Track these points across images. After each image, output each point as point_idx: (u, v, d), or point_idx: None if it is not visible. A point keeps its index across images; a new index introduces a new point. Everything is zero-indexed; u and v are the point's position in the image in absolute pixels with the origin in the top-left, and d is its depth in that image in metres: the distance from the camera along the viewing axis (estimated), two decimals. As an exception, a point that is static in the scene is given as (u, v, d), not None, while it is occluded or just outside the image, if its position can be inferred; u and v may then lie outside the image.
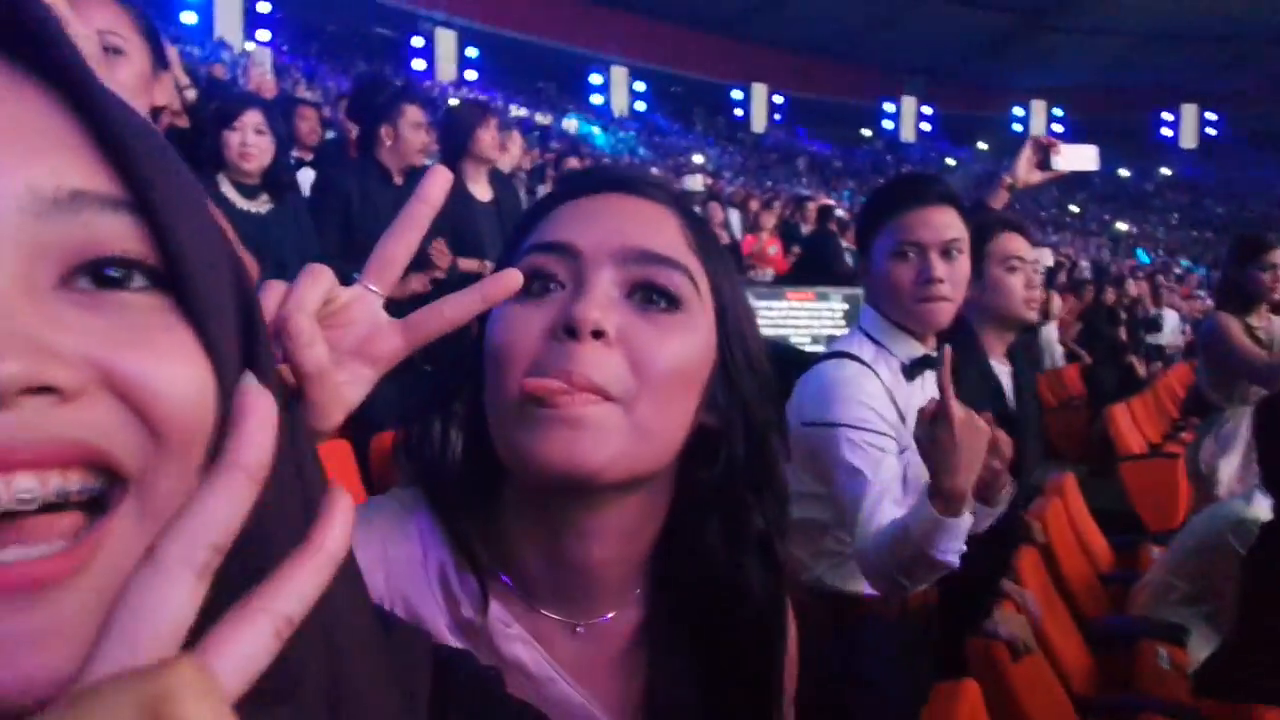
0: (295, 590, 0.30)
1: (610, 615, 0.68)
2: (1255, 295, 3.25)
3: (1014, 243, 2.04)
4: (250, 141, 2.63)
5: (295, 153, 4.17)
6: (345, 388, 0.51)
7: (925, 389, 1.59)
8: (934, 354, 1.60)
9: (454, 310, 0.52)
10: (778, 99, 31.21)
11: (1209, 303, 9.40)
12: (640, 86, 29.22)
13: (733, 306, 0.67)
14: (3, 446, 0.30)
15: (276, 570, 0.30)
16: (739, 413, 0.66)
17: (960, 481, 1.20)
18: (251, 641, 0.28)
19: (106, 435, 0.32)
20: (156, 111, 1.48)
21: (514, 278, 0.53)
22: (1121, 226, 29.14)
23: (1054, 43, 30.88)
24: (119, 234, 0.33)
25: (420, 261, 2.99)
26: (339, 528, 0.32)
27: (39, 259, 0.32)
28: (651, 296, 0.63)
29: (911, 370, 1.57)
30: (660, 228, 0.65)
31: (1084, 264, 14.70)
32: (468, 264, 3.41)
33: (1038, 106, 32.87)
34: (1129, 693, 2.19)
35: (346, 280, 0.53)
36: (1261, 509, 2.68)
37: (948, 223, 1.55)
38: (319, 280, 0.50)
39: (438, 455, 0.67)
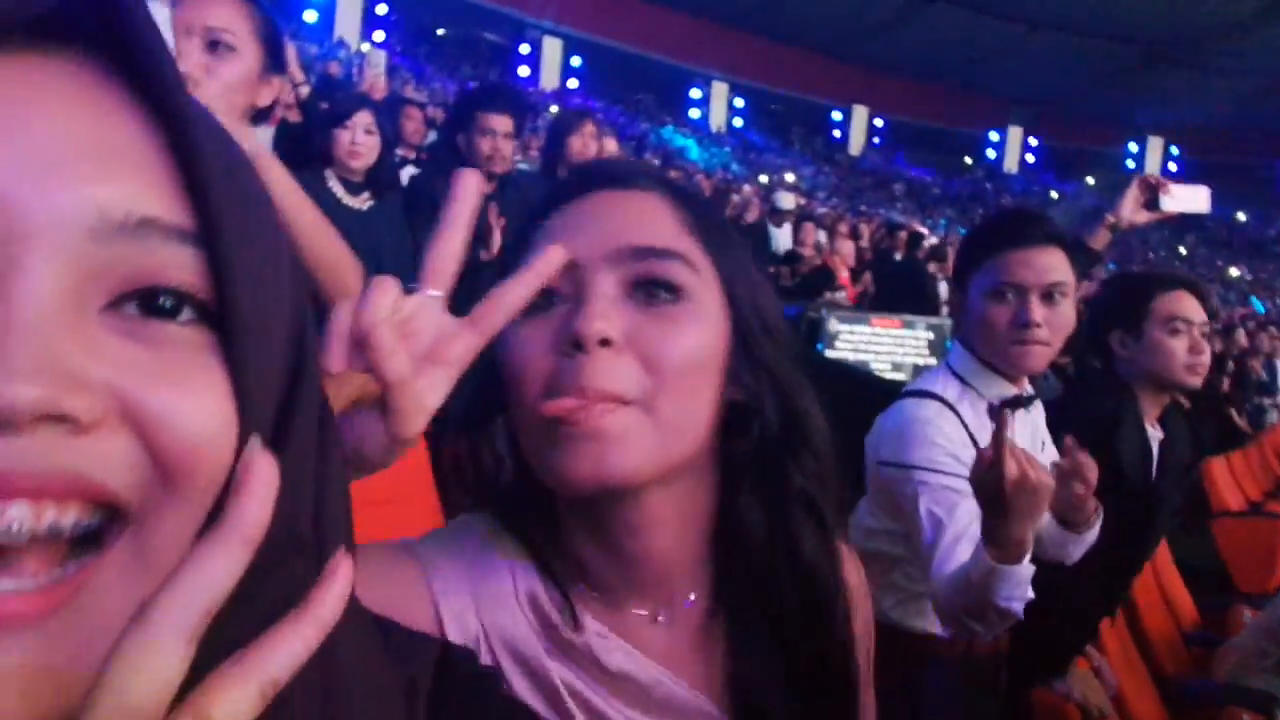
0: (285, 654, 0.31)
1: (691, 598, 0.68)
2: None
3: (1181, 303, 1.93)
4: (359, 140, 2.74)
5: (400, 151, 4.31)
6: (424, 394, 0.52)
7: (1014, 430, 1.55)
8: (1025, 394, 1.56)
9: (515, 295, 0.54)
10: (878, 122, 30.75)
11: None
12: (739, 102, 29.18)
13: (740, 277, 0.66)
14: (5, 473, 0.29)
15: (269, 633, 0.32)
16: (765, 382, 0.65)
17: (1015, 529, 1.15)
18: (239, 701, 0.30)
19: (114, 470, 0.31)
20: (262, 112, 1.51)
21: (560, 253, 0.57)
22: (1234, 272, 27.71)
23: (1176, 79, 29.60)
24: (179, 265, 0.33)
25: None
26: (336, 595, 0.33)
27: (92, 280, 0.31)
28: (653, 290, 0.62)
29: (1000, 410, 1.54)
30: (651, 217, 0.65)
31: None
32: None
33: (1154, 144, 31.56)
34: (1207, 761, 2.09)
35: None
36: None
37: (1051, 265, 1.49)
38: (386, 290, 0.51)
39: (492, 476, 0.68)
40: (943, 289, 7.80)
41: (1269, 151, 31.11)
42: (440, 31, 25.18)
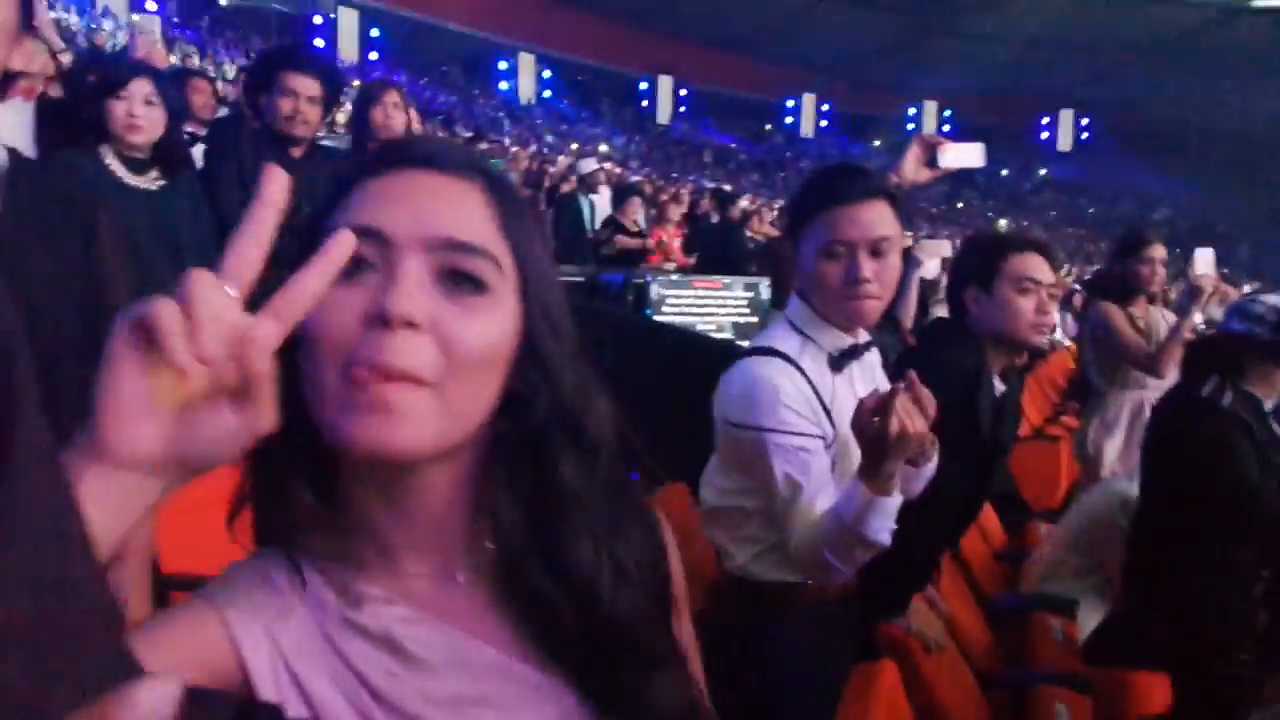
0: None
1: (491, 546, 0.69)
2: (1135, 287, 3.42)
3: (1030, 263, 2.00)
4: (139, 112, 2.43)
5: (188, 127, 3.92)
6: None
7: (852, 379, 1.58)
8: (861, 342, 1.60)
9: (314, 281, 0.55)
10: (683, 91, 31.33)
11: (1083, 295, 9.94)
12: (547, 74, 28.87)
13: (537, 276, 0.69)
14: None
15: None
16: (544, 378, 0.68)
17: (889, 466, 1.25)
18: None
19: None
20: (10, 76, 1.31)
21: (350, 239, 0.57)
22: (1002, 223, 30.45)
23: (946, 47, 31.93)
24: None
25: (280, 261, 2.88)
26: None
27: None
28: (459, 280, 0.64)
29: (839, 361, 1.56)
30: (467, 210, 0.66)
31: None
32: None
33: (929, 108, 33.97)
34: (1025, 667, 2.27)
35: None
36: (1143, 488, 2.82)
37: (876, 219, 1.52)
38: (213, 284, 0.51)
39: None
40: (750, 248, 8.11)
41: (1025, 112, 34.27)
42: (223, 1, 23.24)
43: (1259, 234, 30.18)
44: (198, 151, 3.49)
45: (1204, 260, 3.32)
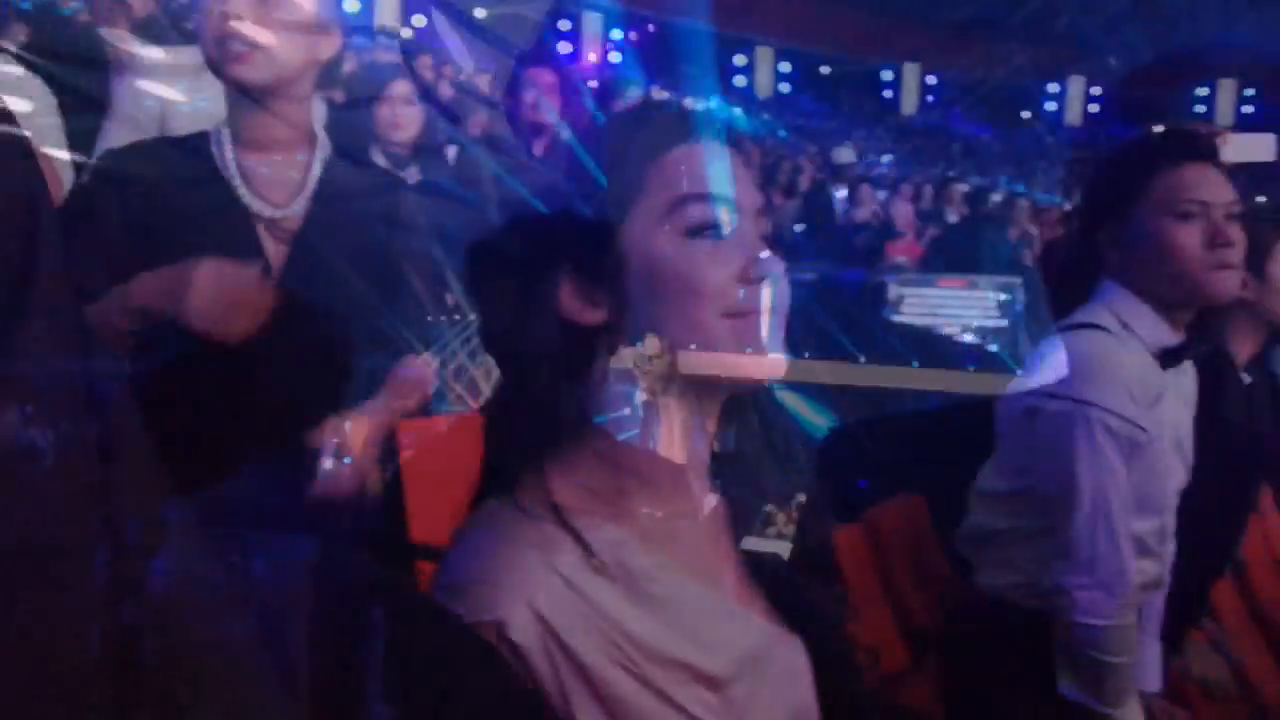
0: None
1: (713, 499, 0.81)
2: None
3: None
4: (401, 111, 2.68)
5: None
6: None
7: (1180, 380, 1.40)
8: (1186, 345, 1.40)
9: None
10: (930, 80, 29.97)
11: None
12: (786, 67, 28.68)
13: None
14: None
15: None
16: None
17: None
18: None
19: None
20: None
21: None
22: None
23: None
24: None
25: None
26: None
27: None
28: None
29: (1170, 357, 1.37)
30: (749, 173, 0.81)
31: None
32: None
33: (1226, 86, 30.22)
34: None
35: None
36: None
37: (1226, 183, 1.35)
38: None
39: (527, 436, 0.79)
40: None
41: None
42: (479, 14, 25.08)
43: None
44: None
45: None
